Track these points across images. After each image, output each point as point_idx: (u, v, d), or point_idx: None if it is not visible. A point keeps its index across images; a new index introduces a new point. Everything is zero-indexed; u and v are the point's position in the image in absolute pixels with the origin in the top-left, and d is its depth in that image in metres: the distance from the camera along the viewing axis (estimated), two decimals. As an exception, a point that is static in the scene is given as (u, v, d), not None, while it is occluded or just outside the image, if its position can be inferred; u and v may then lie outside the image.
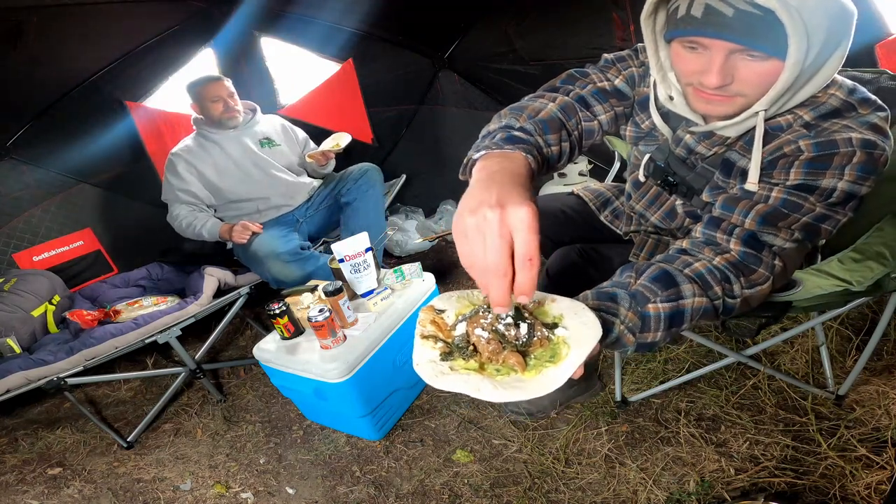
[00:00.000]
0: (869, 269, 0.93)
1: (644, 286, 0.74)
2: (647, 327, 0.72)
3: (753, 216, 0.78)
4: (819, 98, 0.79)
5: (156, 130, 2.47)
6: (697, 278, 0.75)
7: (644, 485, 1.25)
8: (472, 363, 0.62)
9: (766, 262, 0.77)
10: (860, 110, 0.78)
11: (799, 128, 0.79)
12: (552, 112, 0.89)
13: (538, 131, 0.84)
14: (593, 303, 0.73)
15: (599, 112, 0.97)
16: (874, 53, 1.47)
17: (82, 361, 1.64)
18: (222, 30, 2.50)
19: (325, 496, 1.44)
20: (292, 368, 1.48)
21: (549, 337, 0.63)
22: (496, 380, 0.62)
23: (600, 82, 0.98)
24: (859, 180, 0.75)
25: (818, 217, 0.77)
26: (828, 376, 1.40)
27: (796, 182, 0.77)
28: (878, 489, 1.10)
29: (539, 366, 0.63)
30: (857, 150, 0.74)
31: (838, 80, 0.81)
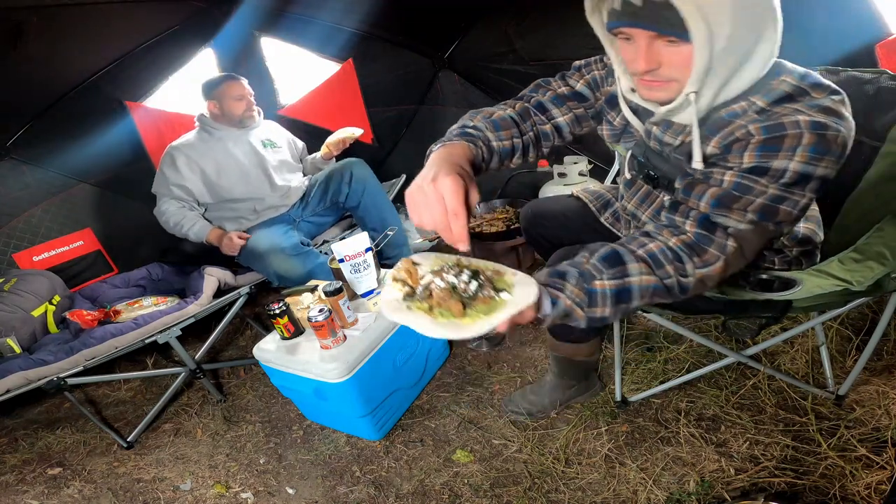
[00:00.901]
0: (869, 269, 0.94)
1: (592, 265, 0.82)
2: (595, 302, 0.80)
3: (707, 199, 0.83)
4: (772, 85, 0.83)
5: (156, 130, 2.47)
6: (649, 258, 0.81)
7: (644, 485, 1.25)
8: (423, 305, 0.77)
9: (719, 242, 0.81)
10: (813, 94, 0.81)
11: (752, 114, 0.83)
12: (505, 115, 1.02)
13: (488, 128, 0.98)
14: (545, 279, 0.82)
15: (557, 115, 1.07)
16: (874, 53, 1.47)
17: (82, 361, 1.64)
18: (222, 30, 2.50)
19: (325, 496, 1.44)
20: (292, 368, 1.48)
21: (493, 297, 0.76)
22: (437, 321, 0.75)
23: (559, 88, 1.08)
24: (812, 161, 0.78)
25: (773, 198, 0.81)
26: (828, 376, 1.40)
27: (750, 165, 0.81)
28: (878, 489, 1.10)
29: (475, 316, 0.74)
30: (806, 131, 0.77)
31: (788, 67, 0.85)
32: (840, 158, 0.80)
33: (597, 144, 1.17)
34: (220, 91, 2.11)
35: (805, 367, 1.47)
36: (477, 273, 0.79)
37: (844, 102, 0.82)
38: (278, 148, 2.28)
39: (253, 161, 2.17)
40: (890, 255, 0.94)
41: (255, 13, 2.51)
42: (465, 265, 0.81)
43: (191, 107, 2.60)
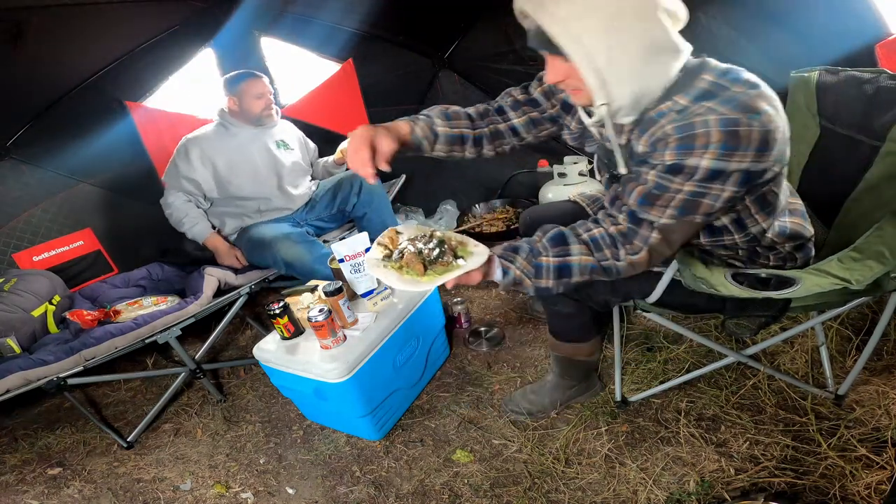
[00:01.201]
0: (868, 267, 0.94)
1: (542, 243, 0.99)
2: (540, 275, 0.98)
3: (635, 196, 0.94)
4: (693, 83, 0.90)
5: (156, 130, 2.47)
6: (591, 241, 0.97)
7: (644, 485, 1.25)
8: (396, 265, 0.98)
9: (643, 235, 0.94)
10: (732, 89, 0.87)
11: (673, 113, 0.90)
12: (461, 110, 1.19)
13: (438, 116, 1.16)
14: (500, 251, 1.01)
15: (513, 117, 1.21)
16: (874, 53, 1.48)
17: (82, 361, 1.64)
18: (222, 30, 2.50)
19: (325, 496, 1.44)
20: (292, 368, 1.48)
21: (451, 262, 0.96)
22: (403, 277, 0.95)
23: (518, 95, 1.22)
24: (723, 157, 0.84)
25: (691, 194, 0.89)
26: (827, 376, 1.40)
27: (669, 163, 0.89)
28: (878, 489, 1.10)
29: (433, 275, 0.95)
30: (714, 130, 0.83)
31: (712, 65, 0.92)
32: (764, 150, 0.85)
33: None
34: (240, 88, 2.10)
35: (805, 367, 1.47)
36: (442, 242, 0.98)
37: (763, 96, 0.86)
38: (291, 150, 2.28)
39: (265, 161, 2.17)
40: (889, 254, 0.94)
41: (255, 13, 2.51)
42: (438, 236, 1.00)
43: (191, 107, 2.61)
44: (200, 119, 2.61)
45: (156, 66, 2.42)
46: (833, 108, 1.25)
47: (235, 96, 2.11)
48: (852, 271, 0.95)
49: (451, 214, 2.97)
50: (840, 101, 1.23)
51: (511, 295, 2.22)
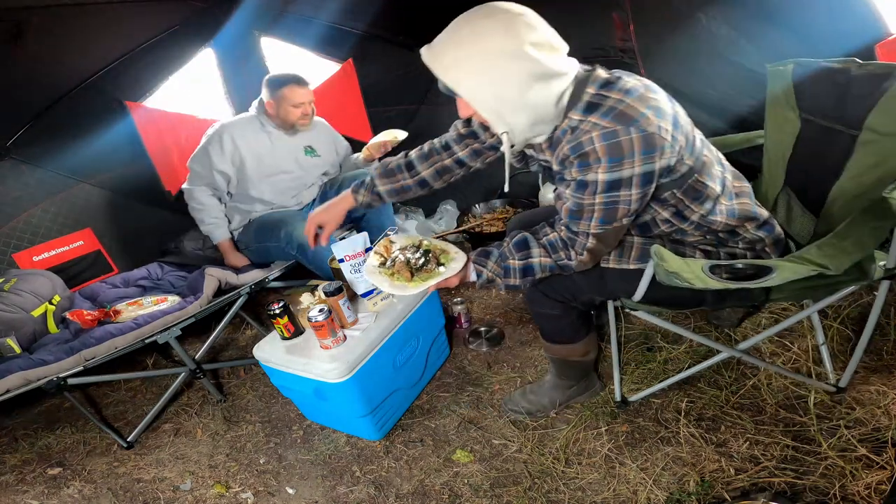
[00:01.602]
0: (846, 253, 0.97)
1: (508, 248, 1.15)
2: (508, 275, 1.15)
3: (564, 213, 1.09)
4: (581, 97, 1.00)
5: (156, 130, 2.47)
6: (549, 245, 1.12)
7: (644, 485, 1.25)
8: (388, 272, 1.18)
9: (581, 242, 1.08)
10: (612, 97, 0.97)
11: (569, 131, 1.01)
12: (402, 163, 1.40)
13: (378, 176, 1.41)
14: (474, 257, 1.19)
15: (458, 150, 1.36)
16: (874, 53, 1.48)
17: (82, 361, 1.64)
18: (222, 30, 2.50)
19: (325, 496, 1.44)
20: (292, 368, 1.48)
21: (434, 269, 1.16)
22: (394, 283, 1.15)
23: (461, 129, 1.36)
24: (614, 168, 0.96)
25: (604, 204, 1.01)
26: (828, 369, 1.40)
27: (576, 179, 1.02)
28: (878, 489, 1.10)
29: (419, 281, 1.14)
30: (598, 145, 0.95)
31: (594, 76, 1.02)
32: (650, 152, 0.94)
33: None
34: (281, 93, 2.06)
35: (806, 363, 1.47)
36: (428, 251, 1.18)
37: (642, 98, 0.96)
38: (318, 156, 2.26)
39: (291, 166, 2.17)
40: (867, 239, 0.96)
41: (255, 13, 2.51)
42: (425, 245, 1.21)
43: (191, 107, 2.61)
44: (200, 119, 2.61)
45: (156, 66, 2.42)
46: (810, 100, 1.27)
47: (274, 100, 2.08)
48: (830, 258, 0.97)
49: (451, 214, 2.97)
50: (816, 92, 1.24)
51: (511, 295, 2.22)
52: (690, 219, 1.12)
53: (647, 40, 1.97)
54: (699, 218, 1.12)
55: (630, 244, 1.18)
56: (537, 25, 0.96)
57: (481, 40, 0.94)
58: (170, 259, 2.41)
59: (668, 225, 1.15)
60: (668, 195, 1.07)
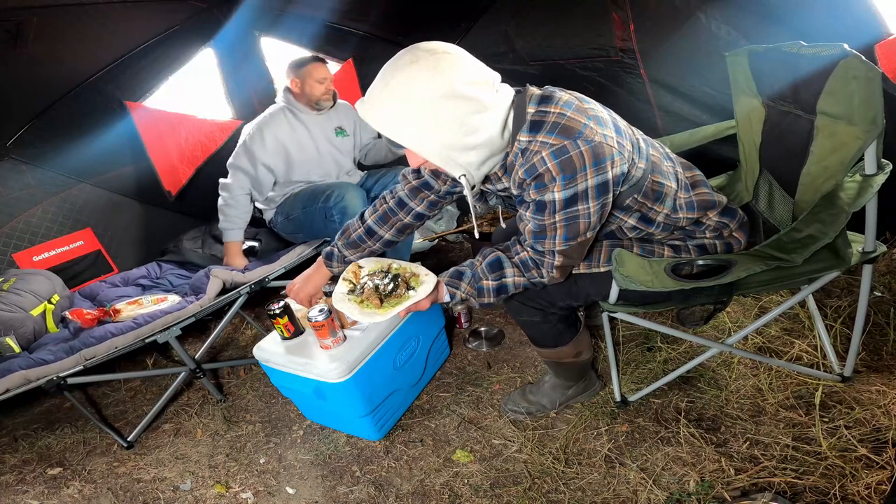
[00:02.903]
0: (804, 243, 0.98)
1: (481, 268, 1.13)
2: (482, 294, 1.14)
3: (526, 234, 1.09)
4: (524, 117, 0.99)
5: (156, 130, 2.47)
6: (521, 264, 1.11)
7: (644, 485, 1.25)
8: (357, 299, 1.14)
9: (548, 261, 1.08)
10: (552, 112, 0.96)
11: (520, 154, 1.01)
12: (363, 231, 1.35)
13: (344, 247, 1.37)
14: (447, 279, 1.15)
15: (415, 206, 1.33)
16: (874, 53, 1.47)
17: (82, 361, 1.64)
18: (222, 30, 2.50)
19: (325, 496, 1.44)
20: (292, 368, 1.48)
21: (404, 294, 1.12)
22: (363, 310, 1.11)
23: (413, 181, 1.32)
24: (569, 185, 0.96)
25: (565, 221, 1.01)
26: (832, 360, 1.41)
27: (535, 200, 1.02)
28: (878, 489, 1.10)
29: (389, 306, 1.10)
30: (550, 164, 0.95)
31: (529, 93, 1.01)
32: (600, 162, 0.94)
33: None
34: (304, 70, 2.13)
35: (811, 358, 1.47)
36: (397, 276, 1.16)
37: (579, 109, 0.96)
38: (347, 136, 2.34)
39: (326, 147, 2.24)
40: (826, 227, 0.96)
41: (255, 13, 2.51)
42: (394, 269, 1.18)
43: (191, 107, 2.61)
44: (200, 119, 2.62)
45: (156, 66, 2.42)
46: (769, 87, 1.27)
47: (299, 78, 2.14)
48: (790, 248, 0.98)
49: (451, 214, 2.97)
50: (773, 77, 1.24)
51: (511, 295, 2.21)
52: (656, 220, 1.14)
53: (647, 40, 1.97)
54: (664, 218, 1.14)
55: (599, 248, 1.19)
56: (463, 62, 0.95)
57: (412, 87, 0.91)
58: (169, 258, 2.41)
59: (636, 231, 1.17)
60: (630, 201, 1.09)
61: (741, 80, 1.36)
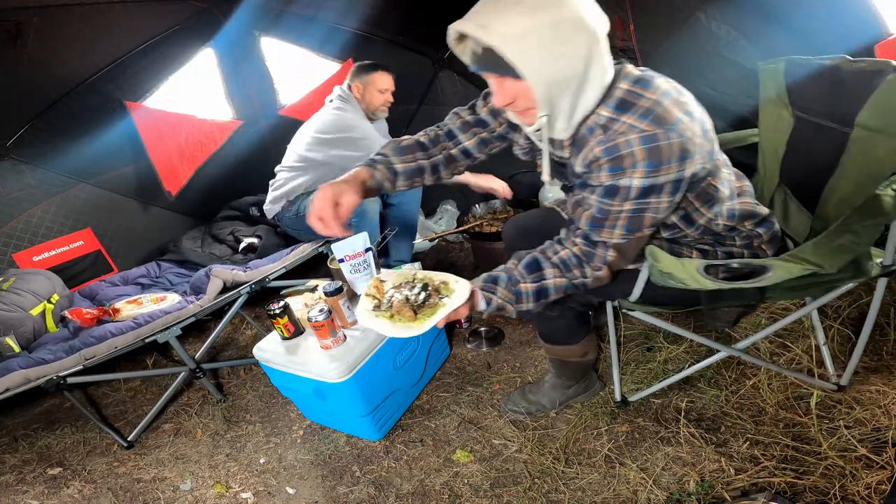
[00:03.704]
0: (840, 252, 0.96)
1: (518, 271, 1.03)
2: (521, 300, 1.03)
3: (584, 221, 1.00)
4: (611, 92, 0.93)
5: (156, 130, 2.47)
6: (561, 263, 1.02)
7: (644, 485, 1.25)
8: (386, 314, 1.03)
9: (600, 255, 1.00)
10: (646, 96, 0.89)
11: (599, 129, 0.93)
12: (413, 141, 1.21)
13: (393, 153, 1.19)
14: (481, 284, 1.05)
15: (463, 140, 1.22)
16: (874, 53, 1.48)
17: (82, 361, 1.64)
18: (222, 30, 2.50)
19: (325, 496, 1.44)
20: (292, 368, 1.48)
21: (438, 303, 1.02)
22: (395, 324, 1.00)
23: (466, 117, 1.22)
24: (651, 174, 0.89)
25: (633, 212, 0.94)
26: (829, 368, 1.40)
27: (606, 185, 0.94)
28: (878, 489, 1.10)
29: (423, 319, 1.00)
30: (638, 149, 0.87)
31: (625, 71, 0.94)
32: (686, 158, 0.89)
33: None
34: (370, 77, 2.14)
35: (808, 364, 1.47)
36: (426, 285, 1.05)
37: (677, 102, 0.90)
38: None
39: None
40: (860, 238, 0.95)
41: (255, 13, 2.51)
42: (419, 279, 1.07)
43: (191, 107, 2.61)
44: (200, 119, 2.62)
45: (156, 66, 2.42)
46: (803, 98, 1.27)
47: (362, 83, 2.15)
48: (824, 256, 0.97)
49: (451, 214, 2.97)
50: (808, 90, 1.24)
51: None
52: (697, 222, 1.10)
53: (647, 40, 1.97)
54: (706, 221, 1.10)
55: None
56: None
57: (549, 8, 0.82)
58: (168, 258, 2.41)
59: (672, 231, 1.13)
60: (682, 199, 1.03)
61: (772, 88, 1.35)
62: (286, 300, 1.50)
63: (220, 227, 2.48)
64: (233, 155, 2.76)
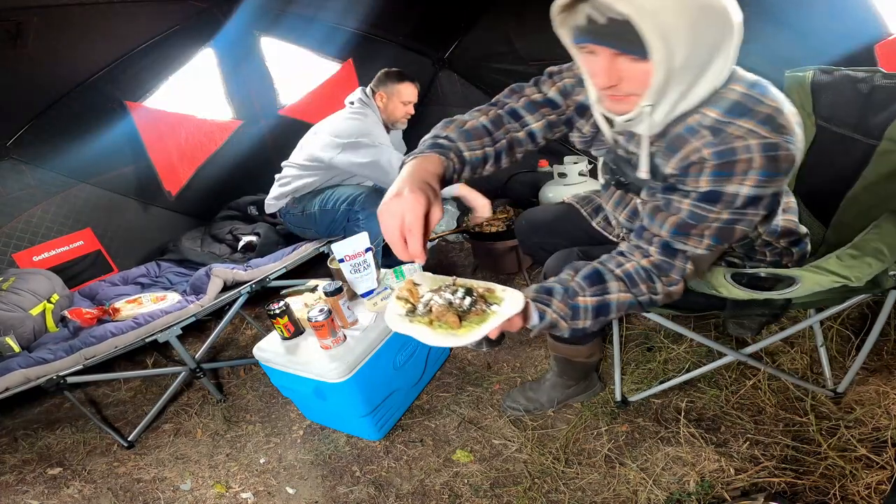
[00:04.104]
0: (867, 265, 0.94)
1: (577, 282, 0.91)
2: (577, 316, 0.90)
3: (668, 227, 0.89)
4: (722, 93, 0.84)
5: (156, 130, 2.47)
6: (625, 277, 0.90)
7: (644, 485, 1.25)
8: (424, 319, 0.88)
9: (679, 266, 0.90)
10: (766, 103, 0.81)
11: (705, 131, 0.84)
12: (478, 123, 1.01)
13: (461, 139, 0.97)
14: (533, 294, 0.91)
15: (530, 122, 1.05)
16: (874, 53, 1.48)
17: (82, 360, 1.64)
18: (222, 30, 2.50)
19: (325, 496, 1.44)
20: (292, 368, 1.48)
21: (485, 310, 0.87)
22: (436, 331, 0.85)
23: (533, 95, 1.06)
24: (762, 184, 0.81)
25: (727, 221, 0.86)
26: (826, 375, 1.40)
27: (705, 190, 0.84)
28: (878, 489, 1.10)
29: (469, 327, 0.85)
30: (757, 155, 0.79)
31: (739, 73, 0.86)
32: (790, 171, 0.83)
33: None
34: (397, 88, 2.13)
35: (805, 367, 1.47)
36: (470, 290, 0.89)
37: (793, 114, 0.83)
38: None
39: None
40: (887, 251, 0.94)
41: (255, 13, 2.51)
42: (461, 284, 0.91)
43: (191, 107, 2.61)
44: (200, 119, 2.62)
45: (156, 66, 2.42)
46: (828, 108, 1.26)
47: (387, 92, 2.13)
48: (851, 269, 0.96)
49: (451, 214, 2.97)
50: (835, 100, 1.24)
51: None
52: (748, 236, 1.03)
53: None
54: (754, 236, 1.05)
55: None
56: None
57: None
58: (168, 257, 2.41)
59: None
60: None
61: (796, 97, 1.33)
62: (286, 300, 1.50)
63: (220, 227, 2.48)
64: (232, 155, 2.76)
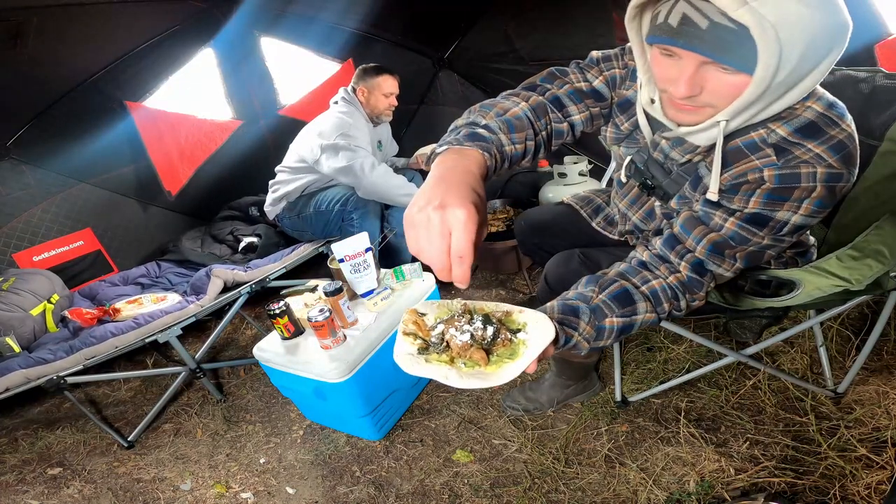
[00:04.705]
0: (868, 267, 0.94)
1: (604, 302, 0.83)
2: (601, 337, 0.83)
3: (705, 244, 0.84)
4: (795, 110, 0.77)
5: (156, 130, 2.47)
6: (651, 296, 0.85)
7: (644, 485, 1.25)
8: (444, 357, 0.75)
9: (706, 284, 0.87)
10: (842, 127, 0.76)
11: (769, 149, 0.78)
12: (521, 112, 0.88)
13: (503, 129, 0.83)
14: (558, 316, 0.81)
15: (573, 112, 0.96)
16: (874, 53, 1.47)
17: (82, 360, 1.64)
18: (222, 30, 2.50)
19: (325, 496, 1.44)
20: (292, 368, 1.48)
21: (511, 339, 0.75)
22: (462, 371, 0.73)
23: (578, 83, 0.97)
24: (814, 214, 0.78)
25: (764, 246, 0.83)
26: (827, 375, 1.40)
27: (753, 211, 0.80)
28: (878, 489, 1.10)
29: (499, 361, 0.73)
30: (819, 185, 0.75)
31: (819, 91, 0.79)
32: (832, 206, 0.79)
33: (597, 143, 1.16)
34: (377, 80, 2.16)
35: (805, 368, 1.47)
36: (488, 317, 0.77)
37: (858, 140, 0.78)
38: (381, 152, 2.39)
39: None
40: (888, 253, 0.94)
41: (255, 13, 2.51)
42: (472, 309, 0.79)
43: (191, 107, 2.61)
44: (200, 119, 2.62)
45: (156, 66, 2.42)
46: None
47: (367, 87, 2.17)
48: (852, 271, 0.95)
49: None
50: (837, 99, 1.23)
51: (511, 294, 2.22)
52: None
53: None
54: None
55: None
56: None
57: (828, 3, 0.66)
58: (168, 257, 2.41)
59: None
60: None
61: None
62: (286, 300, 1.50)
63: (220, 227, 2.48)
64: (232, 155, 2.76)
